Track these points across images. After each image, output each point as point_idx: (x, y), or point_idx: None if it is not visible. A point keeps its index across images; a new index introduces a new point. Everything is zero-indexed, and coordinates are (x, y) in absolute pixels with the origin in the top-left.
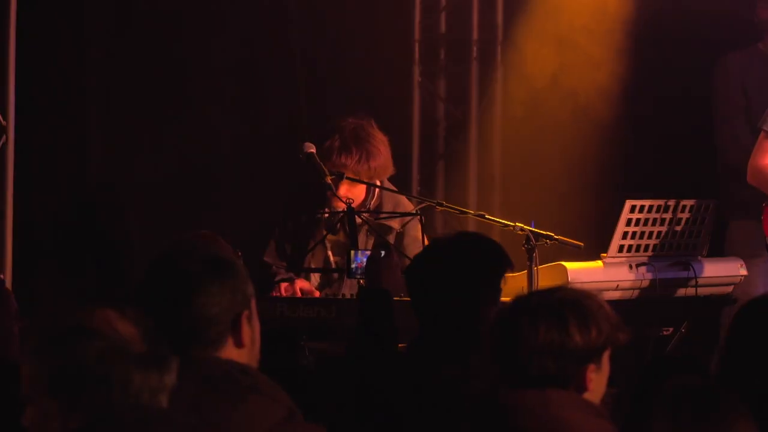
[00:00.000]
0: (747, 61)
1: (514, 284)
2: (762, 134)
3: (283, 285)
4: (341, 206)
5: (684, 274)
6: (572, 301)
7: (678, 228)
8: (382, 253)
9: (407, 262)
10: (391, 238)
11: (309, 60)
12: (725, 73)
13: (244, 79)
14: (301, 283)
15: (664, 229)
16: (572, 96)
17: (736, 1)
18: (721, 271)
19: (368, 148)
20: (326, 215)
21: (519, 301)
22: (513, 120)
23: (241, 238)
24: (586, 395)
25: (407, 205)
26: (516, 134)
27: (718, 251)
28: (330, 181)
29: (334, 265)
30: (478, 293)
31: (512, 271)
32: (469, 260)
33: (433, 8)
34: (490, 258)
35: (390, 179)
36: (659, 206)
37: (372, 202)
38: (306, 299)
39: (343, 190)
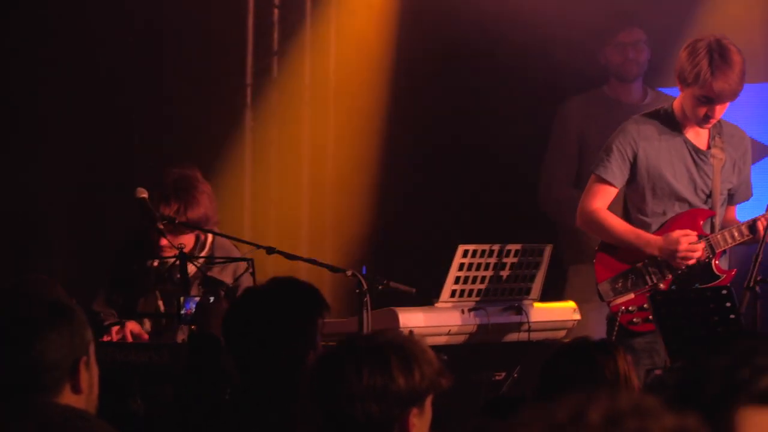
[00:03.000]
0: (588, 104)
1: (345, 329)
2: (592, 177)
3: (114, 328)
4: (172, 254)
5: (516, 318)
6: (396, 345)
7: (510, 272)
8: (212, 299)
9: None
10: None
11: (143, 103)
12: (563, 119)
13: (77, 123)
14: (131, 326)
15: (496, 273)
16: (399, 142)
17: (582, 46)
18: (554, 316)
19: (188, 200)
20: (155, 264)
21: (343, 345)
22: (345, 165)
23: (69, 287)
24: None
25: (237, 254)
26: (347, 180)
27: (560, 295)
28: (162, 227)
29: None
30: (295, 339)
31: (330, 316)
32: (283, 306)
33: (265, 52)
34: (305, 303)
35: (222, 225)
36: (492, 251)
37: (203, 253)
38: (138, 344)
39: (168, 238)
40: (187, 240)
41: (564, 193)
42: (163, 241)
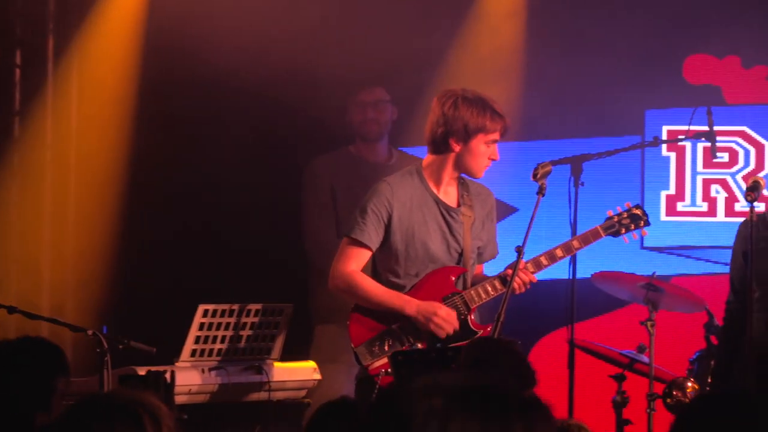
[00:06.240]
0: (336, 162)
1: (86, 388)
2: (346, 240)
3: None
4: None
5: (257, 378)
6: (142, 401)
7: (251, 332)
8: None
9: None
10: None
11: None
12: (313, 176)
13: None
14: None
15: (236, 333)
16: (143, 200)
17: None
18: (294, 375)
19: None
20: None
21: (87, 401)
22: (86, 225)
23: None
24: None
25: None
26: (89, 240)
27: (306, 354)
28: None
29: None
30: (27, 396)
31: (69, 376)
32: (21, 362)
33: (7, 112)
34: (44, 362)
35: None
36: (232, 311)
37: None
38: None
39: None
40: None
41: (332, 242)
42: None
